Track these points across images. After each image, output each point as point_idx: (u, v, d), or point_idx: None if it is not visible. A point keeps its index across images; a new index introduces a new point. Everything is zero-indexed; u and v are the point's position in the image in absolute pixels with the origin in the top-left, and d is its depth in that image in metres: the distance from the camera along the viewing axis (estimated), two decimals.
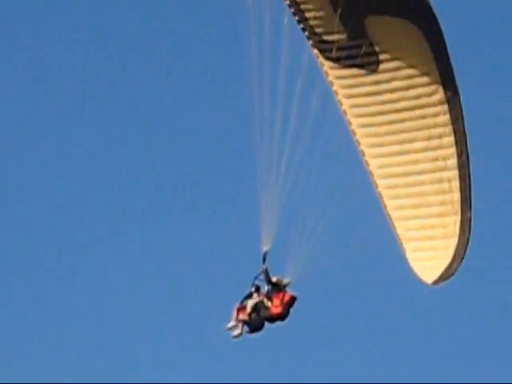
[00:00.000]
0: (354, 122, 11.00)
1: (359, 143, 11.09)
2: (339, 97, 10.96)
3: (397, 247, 10.73)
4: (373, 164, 11.12)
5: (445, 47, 10.28)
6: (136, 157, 26.48)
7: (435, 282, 10.95)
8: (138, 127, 26.66)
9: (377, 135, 10.98)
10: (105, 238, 25.92)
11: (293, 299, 10.15)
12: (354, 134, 11.06)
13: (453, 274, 10.94)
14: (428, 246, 11.11)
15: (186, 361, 23.07)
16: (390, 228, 10.78)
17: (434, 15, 10.12)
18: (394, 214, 11.17)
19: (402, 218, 11.17)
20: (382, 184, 11.14)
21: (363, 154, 11.13)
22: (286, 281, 10.25)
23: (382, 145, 11.01)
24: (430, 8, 10.08)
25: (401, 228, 11.18)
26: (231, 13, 10.38)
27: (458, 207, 10.84)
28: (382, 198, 11.17)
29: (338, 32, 10.45)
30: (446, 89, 10.48)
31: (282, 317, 10.10)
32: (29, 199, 26.15)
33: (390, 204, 11.16)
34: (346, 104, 10.96)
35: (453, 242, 10.91)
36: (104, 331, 23.81)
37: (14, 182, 26.28)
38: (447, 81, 10.45)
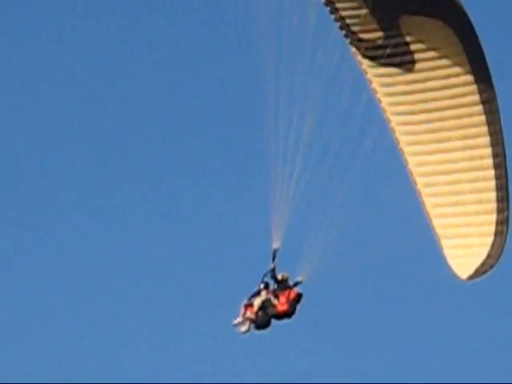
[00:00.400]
0: (393, 120, 11.22)
1: (398, 141, 11.29)
2: (378, 94, 11.21)
3: (415, 248, 10.81)
4: (412, 162, 11.30)
5: (480, 49, 10.30)
6: (145, 150, 26.72)
7: (470, 278, 11.04)
8: (146, 120, 26.85)
9: (414, 133, 11.15)
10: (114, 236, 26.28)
11: (299, 296, 10.29)
12: (394, 131, 11.28)
13: (487, 271, 11.00)
14: (465, 244, 11.19)
15: (194, 356, 23.23)
16: (411, 226, 10.88)
17: (467, 17, 10.15)
18: (432, 211, 11.31)
19: (440, 216, 11.30)
20: (420, 182, 11.31)
21: (403, 152, 11.32)
22: (298, 279, 10.47)
23: (420, 143, 11.17)
24: (462, 10, 10.11)
25: (439, 225, 11.32)
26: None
27: (494, 206, 10.84)
28: (420, 195, 11.34)
29: (373, 31, 10.69)
30: (481, 90, 10.50)
31: (288, 314, 10.26)
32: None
33: (429, 201, 11.32)
34: (384, 102, 11.19)
35: (489, 241, 10.95)
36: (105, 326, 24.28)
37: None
38: (483, 83, 10.47)
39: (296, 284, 10.42)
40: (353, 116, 10.63)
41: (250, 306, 10.23)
